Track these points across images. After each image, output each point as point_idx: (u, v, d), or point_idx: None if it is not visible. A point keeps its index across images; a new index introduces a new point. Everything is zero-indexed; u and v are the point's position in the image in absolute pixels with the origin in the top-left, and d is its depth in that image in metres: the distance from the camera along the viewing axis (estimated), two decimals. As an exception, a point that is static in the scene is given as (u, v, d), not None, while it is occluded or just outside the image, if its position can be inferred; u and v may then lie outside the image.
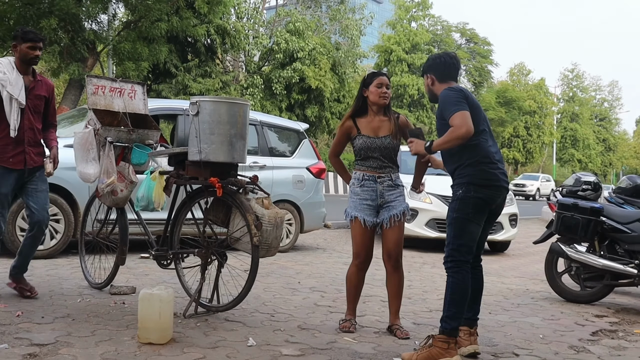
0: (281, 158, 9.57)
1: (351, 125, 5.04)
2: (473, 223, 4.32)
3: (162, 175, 5.40)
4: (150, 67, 24.75)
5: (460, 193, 4.31)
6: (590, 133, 72.80)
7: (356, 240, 4.99)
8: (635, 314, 6.46)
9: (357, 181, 4.98)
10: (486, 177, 4.29)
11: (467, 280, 4.28)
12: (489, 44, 56.57)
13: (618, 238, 6.79)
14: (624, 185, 8.54)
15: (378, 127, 5.00)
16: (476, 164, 4.28)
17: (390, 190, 4.99)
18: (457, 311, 4.23)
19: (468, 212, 4.29)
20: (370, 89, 4.98)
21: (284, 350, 4.26)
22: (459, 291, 4.25)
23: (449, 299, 4.25)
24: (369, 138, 4.95)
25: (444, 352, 4.13)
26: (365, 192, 4.96)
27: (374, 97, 4.97)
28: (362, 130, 4.99)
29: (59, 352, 3.91)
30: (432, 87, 4.56)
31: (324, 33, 37.45)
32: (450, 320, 4.20)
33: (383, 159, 4.98)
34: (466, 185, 4.28)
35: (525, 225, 16.79)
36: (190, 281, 5.49)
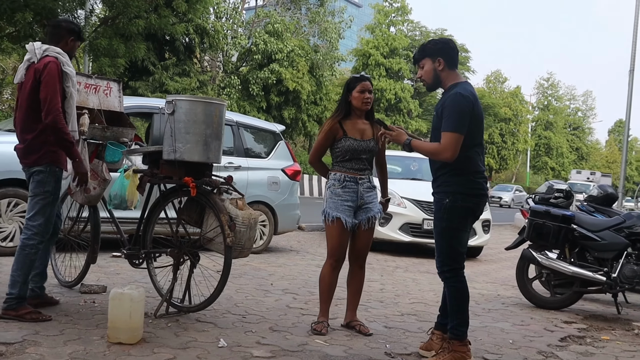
0: (256, 159, 9.54)
1: (337, 127, 5.05)
2: (461, 231, 4.40)
3: (136, 173, 5.37)
4: (127, 64, 24.60)
5: (448, 202, 4.30)
6: (563, 141, 73.56)
7: (334, 240, 5.01)
8: (603, 321, 6.53)
9: (338, 182, 5.01)
10: (473, 186, 4.34)
11: (466, 285, 4.42)
12: (466, 50, 56.94)
13: (588, 246, 6.86)
14: (595, 194, 8.65)
15: (363, 130, 5.06)
16: (465, 174, 4.32)
17: (368, 192, 5.08)
18: (464, 316, 4.39)
19: (457, 221, 4.34)
20: (353, 94, 5.03)
21: (255, 352, 4.26)
22: (461, 297, 4.39)
23: (455, 307, 4.37)
24: (355, 140, 5.00)
25: (465, 355, 4.32)
26: (347, 194, 4.99)
27: (357, 102, 5.03)
28: (348, 133, 5.02)
29: (26, 351, 3.86)
30: (441, 72, 4.39)
31: (302, 35, 37.50)
32: (460, 327, 4.36)
33: (366, 162, 5.06)
34: (453, 194, 4.29)
35: (497, 232, 16.93)
36: (162, 281, 5.45)
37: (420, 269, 9.50)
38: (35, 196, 4.71)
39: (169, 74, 29.50)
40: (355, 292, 5.23)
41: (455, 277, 4.38)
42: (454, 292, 4.38)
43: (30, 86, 4.59)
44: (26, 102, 4.65)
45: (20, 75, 4.73)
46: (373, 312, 5.97)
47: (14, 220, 7.20)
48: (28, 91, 4.61)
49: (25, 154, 4.72)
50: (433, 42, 4.50)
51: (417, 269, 9.41)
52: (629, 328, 6.25)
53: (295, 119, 35.84)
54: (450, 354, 4.29)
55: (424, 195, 10.76)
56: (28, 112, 4.66)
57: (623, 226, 6.81)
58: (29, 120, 4.67)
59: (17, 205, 7.18)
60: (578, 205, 8.76)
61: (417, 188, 11.00)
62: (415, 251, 11.45)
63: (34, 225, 4.67)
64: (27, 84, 4.63)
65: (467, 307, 4.42)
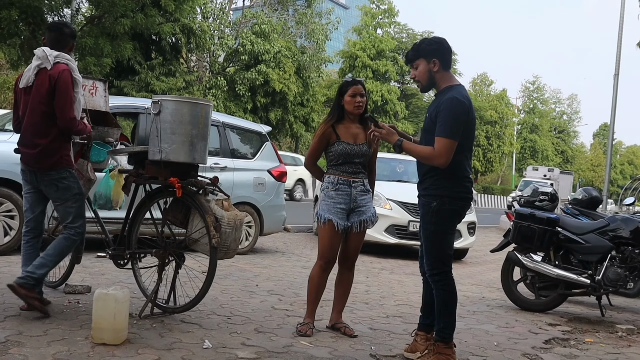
0: (242, 160, 9.53)
1: (330, 131, 5.06)
2: (450, 234, 4.43)
3: (122, 173, 5.35)
4: (113, 63, 24.52)
5: (435, 205, 4.30)
6: (549, 145, 73.98)
7: (325, 242, 5.02)
8: (587, 323, 6.57)
9: (331, 185, 5.03)
10: (460, 190, 4.36)
11: (455, 287, 4.42)
12: (453, 53, 57.15)
13: (573, 248, 6.91)
14: (580, 197, 8.70)
15: (356, 134, 5.07)
16: (453, 177, 4.33)
17: (362, 195, 5.09)
18: (452, 320, 4.38)
19: (446, 224, 4.37)
20: (345, 98, 5.04)
21: (240, 353, 4.25)
22: (450, 299, 4.39)
23: (443, 310, 4.37)
24: (348, 145, 5.01)
25: (449, 357, 4.32)
26: (340, 196, 5.01)
27: (349, 106, 5.04)
28: (341, 137, 5.03)
29: (9, 352, 3.84)
30: (436, 73, 4.36)
31: (289, 36, 37.51)
32: (447, 330, 4.37)
33: (359, 165, 5.07)
34: (441, 198, 4.30)
35: (483, 234, 16.99)
36: (147, 282, 5.43)
37: (406, 270, 9.52)
38: (66, 201, 4.87)
39: (155, 73, 29.40)
40: (343, 294, 5.25)
41: (445, 279, 4.38)
42: (443, 294, 4.37)
43: (47, 92, 4.66)
44: (40, 108, 4.71)
45: (28, 80, 4.74)
46: (358, 314, 5.98)
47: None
48: (44, 96, 4.67)
49: (39, 158, 4.76)
50: (428, 41, 4.45)
51: (402, 271, 9.44)
52: (612, 330, 6.29)
53: (282, 120, 35.84)
54: (435, 356, 4.30)
55: (410, 197, 10.77)
56: (42, 117, 4.72)
57: (607, 229, 6.86)
58: (42, 126, 4.74)
59: (1, 204, 7.15)
60: (563, 208, 8.81)
61: (403, 190, 11.03)
62: (401, 253, 11.47)
63: (76, 226, 4.91)
64: (41, 89, 4.68)
65: (455, 310, 4.43)
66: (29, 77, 4.73)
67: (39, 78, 4.70)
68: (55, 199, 4.88)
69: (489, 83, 68.87)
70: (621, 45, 22.89)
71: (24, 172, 4.90)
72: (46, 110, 4.70)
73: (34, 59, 4.78)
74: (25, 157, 4.84)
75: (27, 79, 4.74)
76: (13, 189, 7.20)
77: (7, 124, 8.03)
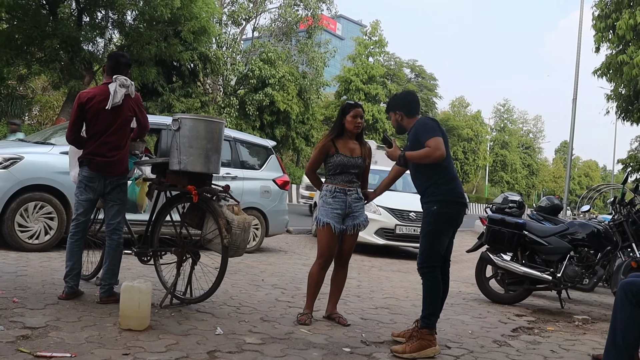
0: (251, 170, 9.53)
1: (330, 145, 5.08)
2: (443, 235, 4.49)
3: (146, 181, 5.36)
4: (139, 85, 24.59)
5: (435, 209, 4.41)
6: (517, 159, 73.89)
7: (323, 243, 5.01)
8: (549, 314, 6.56)
9: (329, 193, 5.04)
10: (456, 194, 4.48)
11: (439, 281, 4.48)
12: (434, 79, 57.30)
13: (537, 249, 6.91)
14: (544, 204, 8.72)
15: (353, 148, 5.10)
16: (447, 182, 4.45)
17: (356, 202, 5.11)
18: (435, 308, 4.43)
19: (440, 225, 4.45)
20: (347, 118, 5.08)
21: (247, 339, 4.25)
22: (434, 291, 4.42)
23: (428, 299, 4.41)
24: (346, 157, 5.03)
25: (431, 342, 4.34)
26: (336, 203, 5.01)
27: (350, 126, 5.08)
28: (340, 150, 5.05)
29: (49, 335, 3.84)
30: (402, 122, 4.69)
31: (292, 63, 37.49)
32: (431, 317, 4.40)
33: (354, 176, 5.09)
34: (439, 202, 4.41)
35: (460, 236, 16.93)
36: (167, 276, 5.43)
37: (393, 268, 9.51)
38: (123, 203, 5.09)
39: (176, 95, 29.41)
40: (337, 289, 5.25)
41: (430, 273, 4.42)
42: (429, 285, 4.41)
43: (131, 115, 4.99)
44: (125, 126, 4.96)
45: (116, 102, 4.82)
46: (351, 306, 5.97)
47: (40, 221, 7.15)
48: (128, 118, 4.97)
49: (115, 165, 4.91)
50: (393, 98, 4.85)
51: (389, 268, 9.43)
52: (570, 320, 6.29)
53: (285, 136, 35.81)
54: (419, 341, 4.30)
55: (397, 204, 10.80)
56: (123, 133, 4.94)
57: (567, 232, 6.87)
58: (120, 140, 4.92)
59: (42, 207, 7.14)
60: (529, 214, 8.83)
61: (391, 198, 11.02)
62: (389, 253, 11.47)
63: (122, 227, 5.09)
64: (127, 112, 4.93)
65: (438, 301, 4.46)
66: (117, 101, 4.82)
67: (125, 102, 4.88)
68: (116, 199, 5.00)
69: (466, 105, 69.03)
70: (578, 74, 22.97)
71: (91, 179, 4.87)
72: (128, 129, 5.01)
73: (117, 86, 4.81)
74: (101, 165, 4.85)
75: (113, 101, 4.80)
76: (53, 194, 7.21)
77: (50, 138, 8.04)
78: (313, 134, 37.81)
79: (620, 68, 17.48)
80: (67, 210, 7.26)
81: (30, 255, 6.78)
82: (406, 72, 56.02)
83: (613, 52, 18.78)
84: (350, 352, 4.20)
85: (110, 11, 22.30)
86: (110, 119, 4.82)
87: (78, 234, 4.98)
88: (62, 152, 7.00)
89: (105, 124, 4.82)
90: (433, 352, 4.32)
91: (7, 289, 5.03)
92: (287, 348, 4.13)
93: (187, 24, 23.03)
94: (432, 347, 4.32)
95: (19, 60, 21.16)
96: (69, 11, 20.33)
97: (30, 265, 6.21)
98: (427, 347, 4.29)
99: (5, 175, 6.92)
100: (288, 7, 37.39)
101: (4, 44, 20.21)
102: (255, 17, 38.31)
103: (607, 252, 6.73)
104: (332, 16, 46.47)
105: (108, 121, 4.82)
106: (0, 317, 4.15)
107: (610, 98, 20.91)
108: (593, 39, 19.28)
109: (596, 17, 19.21)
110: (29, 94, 30.03)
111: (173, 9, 21.00)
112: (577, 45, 22.88)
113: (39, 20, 20.14)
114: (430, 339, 4.34)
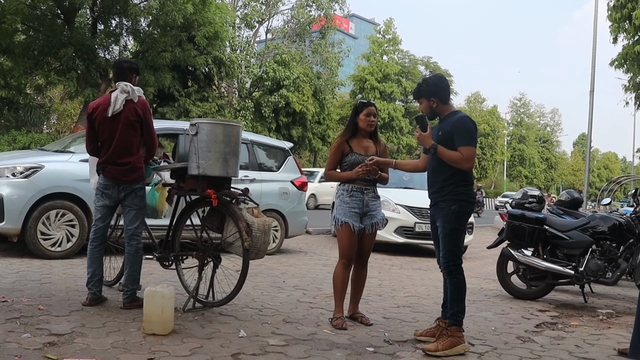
0: (269, 172, 9.55)
1: (345, 144, 5.07)
2: (464, 232, 4.52)
3: (165, 187, 5.39)
4: (155, 91, 24.77)
5: (455, 208, 4.39)
6: (535, 153, 73.39)
7: (344, 243, 4.97)
8: (572, 309, 6.51)
9: (346, 192, 5.01)
10: (472, 195, 4.49)
11: (464, 278, 4.47)
12: (449, 75, 56.87)
13: (558, 244, 6.86)
14: (564, 198, 8.64)
15: (367, 147, 5.08)
16: (467, 184, 4.44)
17: (373, 201, 5.07)
18: (463, 305, 4.43)
19: (462, 224, 4.44)
20: (360, 116, 5.07)
21: (271, 341, 4.26)
22: (461, 288, 4.43)
23: (456, 297, 4.42)
24: (360, 155, 5.01)
25: (460, 339, 4.34)
26: (354, 202, 4.98)
27: (363, 124, 5.07)
28: (354, 149, 5.04)
29: (74, 341, 3.88)
30: (437, 109, 4.56)
31: (307, 64, 37.55)
32: (459, 314, 4.39)
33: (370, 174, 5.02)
34: (459, 202, 4.39)
35: (480, 233, 16.88)
36: (189, 280, 5.46)
37: (413, 266, 9.48)
38: (140, 208, 5.05)
39: (192, 99, 29.57)
40: (358, 288, 5.23)
41: (457, 271, 4.42)
42: (457, 283, 4.41)
43: (135, 120, 4.89)
44: (129, 131, 4.90)
45: (115, 108, 4.85)
46: (373, 305, 5.96)
47: (62, 228, 7.23)
48: (132, 124, 4.89)
49: (126, 172, 4.91)
50: (426, 83, 4.59)
51: (410, 267, 9.40)
52: (594, 315, 6.23)
53: (302, 137, 35.86)
54: (449, 339, 4.30)
55: (416, 202, 10.76)
56: (129, 138, 4.90)
57: (588, 226, 6.81)
58: (128, 146, 4.91)
59: (63, 215, 7.21)
60: (549, 209, 8.76)
61: (409, 196, 11.01)
62: (409, 251, 11.43)
63: (140, 232, 5.07)
64: (130, 117, 4.88)
65: (465, 297, 4.46)
66: (119, 108, 4.85)
67: (127, 107, 4.87)
68: (132, 205, 4.99)
69: (482, 100, 68.50)
70: (595, 66, 22.75)
71: (106, 187, 4.95)
72: (134, 134, 4.91)
73: (118, 92, 4.87)
74: (114, 172, 4.90)
75: (114, 108, 4.84)
76: (74, 202, 7.28)
77: (69, 147, 8.12)
78: (329, 134, 37.81)
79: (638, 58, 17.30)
80: (88, 217, 7.33)
81: (54, 263, 6.86)
82: (421, 69, 55.81)
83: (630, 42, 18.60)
84: (374, 352, 4.20)
85: (124, 18, 22.48)
86: (114, 126, 4.87)
87: (97, 240, 5.04)
88: (81, 160, 7.08)
89: (111, 132, 4.89)
90: (463, 349, 4.33)
91: (33, 296, 5.09)
92: (311, 349, 4.13)
93: (201, 29, 23.16)
94: (462, 344, 4.33)
95: (37, 70, 21.41)
96: (83, 20, 20.52)
97: (54, 273, 6.28)
98: (457, 344, 4.30)
99: (26, 184, 7.01)
100: (300, 8, 37.48)
101: (21, 55, 20.46)
102: (268, 19, 38.46)
103: (629, 244, 6.66)
104: (344, 16, 46.50)
105: (112, 128, 4.88)
106: (27, 324, 4.20)
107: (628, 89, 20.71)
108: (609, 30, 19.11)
109: (611, 7, 19.04)
110: (47, 103, 30.37)
111: (186, 14, 21.12)
112: (593, 36, 22.65)
113: (55, 29, 20.37)
114: (460, 335, 4.35)
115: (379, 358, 4.08)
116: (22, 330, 4.04)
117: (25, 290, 5.32)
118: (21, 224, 6.98)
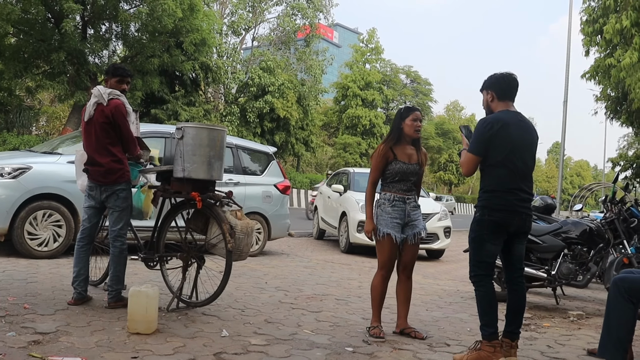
0: (252, 176, 9.53)
1: (389, 151, 4.78)
2: (488, 242, 4.10)
3: (151, 189, 5.36)
4: (143, 95, 24.64)
5: (478, 215, 4.13)
6: (511, 160, 73.76)
7: (385, 254, 4.75)
8: (545, 311, 6.56)
9: (388, 202, 4.75)
10: (500, 202, 4.06)
11: (491, 292, 4.14)
12: (429, 84, 57.33)
13: (532, 248, 6.89)
14: (537, 204, 8.71)
15: (411, 154, 4.82)
16: (491, 190, 4.10)
17: (414, 210, 4.83)
18: (489, 319, 4.11)
19: (483, 232, 4.10)
20: (406, 121, 4.78)
21: (253, 341, 4.24)
22: (485, 300, 4.12)
23: (479, 310, 4.14)
24: (404, 164, 4.75)
25: (491, 354, 4.05)
26: (396, 212, 4.73)
27: (409, 130, 4.78)
28: (398, 157, 4.76)
29: (59, 340, 3.83)
30: (491, 103, 4.27)
31: (291, 71, 37.55)
32: (486, 327, 4.10)
33: (412, 184, 4.83)
34: (482, 209, 4.10)
35: (457, 236, 16.94)
36: (173, 280, 5.43)
37: (392, 268, 9.48)
38: (123, 210, 4.98)
39: (179, 103, 29.45)
40: (404, 301, 4.93)
41: (480, 282, 4.13)
42: (479, 295, 4.14)
43: (105, 123, 4.82)
44: (100, 133, 4.85)
45: (89, 113, 4.88)
46: (352, 306, 5.96)
47: (48, 229, 7.16)
48: (103, 127, 4.83)
49: (105, 174, 4.87)
50: (490, 76, 4.34)
51: (388, 268, 9.39)
52: (565, 316, 6.28)
53: (286, 142, 35.83)
54: (477, 352, 4.07)
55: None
56: (101, 140, 4.85)
57: (560, 231, 6.86)
58: (101, 148, 4.86)
59: (50, 215, 7.14)
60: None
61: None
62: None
63: (124, 233, 5.00)
64: (99, 118, 4.83)
65: (493, 312, 4.12)
66: (91, 113, 4.86)
67: (98, 110, 4.85)
68: (114, 206, 4.94)
69: (460, 109, 68.96)
70: (569, 77, 23.02)
71: (91, 188, 4.96)
72: (106, 135, 4.85)
73: (92, 97, 4.91)
74: (95, 174, 4.90)
75: (89, 113, 4.88)
76: (61, 202, 7.21)
77: (57, 148, 8.04)
78: (312, 139, 37.85)
79: (608, 71, 17.53)
80: (74, 218, 7.26)
81: (40, 262, 6.78)
82: (402, 78, 56.09)
83: (601, 56, 18.84)
84: (353, 352, 4.19)
85: (114, 23, 22.35)
86: (89, 129, 4.91)
87: (84, 240, 5.02)
88: (69, 162, 7.02)
89: (88, 135, 4.93)
90: None
91: (18, 295, 5.03)
92: (292, 349, 4.12)
93: (189, 35, 23.09)
94: (491, 359, 4.05)
95: (27, 73, 21.23)
96: (74, 24, 20.38)
97: (40, 272, 6.21)
98: (484, 359, 4.04)
99: (14, 184, 6.93)
100: (286, 16, 37.47)
101: (12, 58, 20.28)
102: (255, 27, 38.38)
103: (599, 249, 6.72)
104: (329, 25, 46.58)
105: (88, 131, 4.92)
106: (12, 323, 4.15)
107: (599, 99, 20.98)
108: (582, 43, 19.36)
109: (584, 22, 19.28)
110: (36, 105, 30.08)
111: (175, 19, 21.05)
112: (567, 48, 22.96)
113: (45, 34, 20.21)
114: (490, 350, 4.05)
115: (358, 358, 4.07)
116: (7, 329, 3.99)
117: (11, 289, 5.26)
118: (8, 223, 6.91)
